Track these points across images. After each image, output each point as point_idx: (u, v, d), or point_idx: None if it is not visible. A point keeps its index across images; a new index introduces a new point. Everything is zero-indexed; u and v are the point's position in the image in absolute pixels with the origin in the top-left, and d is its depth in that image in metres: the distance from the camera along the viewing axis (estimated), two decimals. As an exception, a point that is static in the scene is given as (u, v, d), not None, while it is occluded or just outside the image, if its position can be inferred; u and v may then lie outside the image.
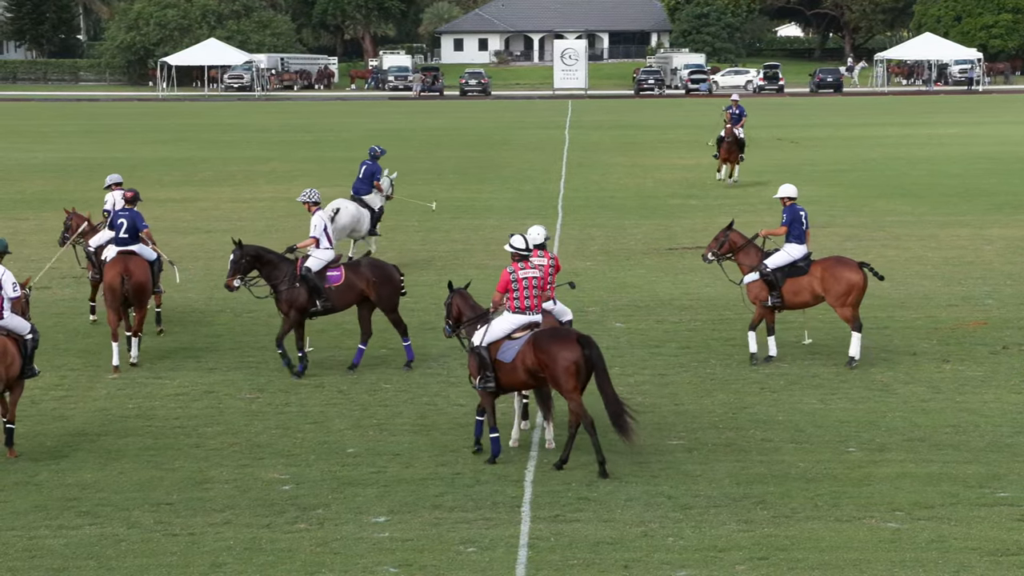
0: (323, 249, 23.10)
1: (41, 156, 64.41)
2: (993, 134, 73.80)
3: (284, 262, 22.94)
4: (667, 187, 50.16)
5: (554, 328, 18.01)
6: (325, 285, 22.83)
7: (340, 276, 22.96)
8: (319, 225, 23.15)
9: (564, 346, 17.25)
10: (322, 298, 22.73)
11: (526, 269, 18.04)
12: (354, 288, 22.96)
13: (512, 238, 18.34)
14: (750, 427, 19.48)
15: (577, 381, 17.24)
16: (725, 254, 23.69)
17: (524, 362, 17.55)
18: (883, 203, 44.54)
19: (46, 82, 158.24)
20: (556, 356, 17.22)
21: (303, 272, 22.72)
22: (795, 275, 23.14)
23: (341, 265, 23.19)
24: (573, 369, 17.20)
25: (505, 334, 17.91)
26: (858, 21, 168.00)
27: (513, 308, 17.98)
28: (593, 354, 17.24)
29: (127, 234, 24.12)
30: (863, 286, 22.90)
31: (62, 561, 14.74)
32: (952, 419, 19.81)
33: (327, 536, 15.41)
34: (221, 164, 60.08)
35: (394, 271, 23.29)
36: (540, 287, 18.07)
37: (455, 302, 18.90)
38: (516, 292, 17.93)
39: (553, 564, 14.56)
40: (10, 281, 18.38)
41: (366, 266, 23.29)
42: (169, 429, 19.70)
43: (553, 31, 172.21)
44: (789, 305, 23.33)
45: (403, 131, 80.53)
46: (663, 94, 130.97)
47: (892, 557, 14.64)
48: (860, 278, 22.84)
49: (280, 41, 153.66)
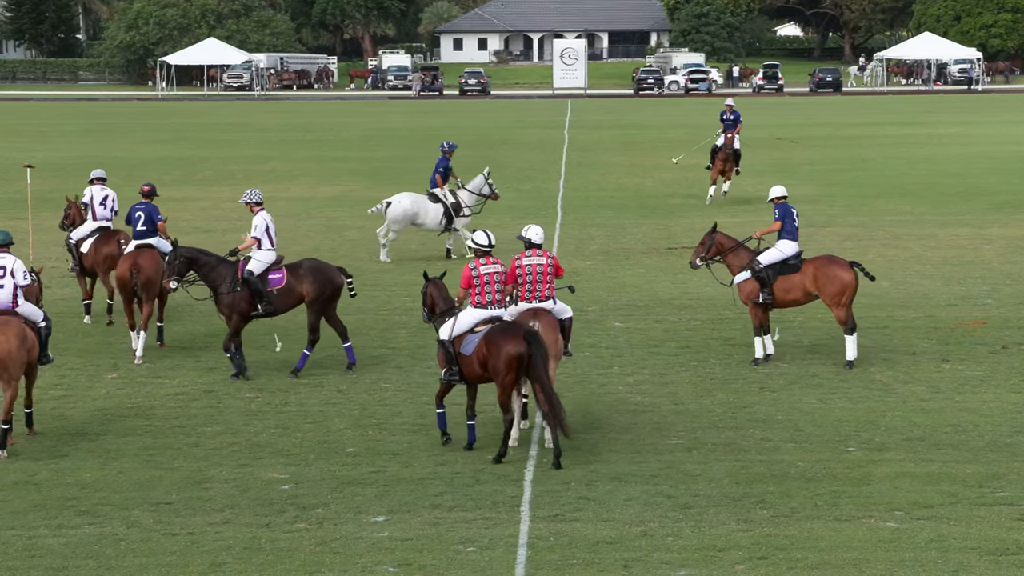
0: (265, 251, 22.87)
1: (40, 155, 64.32)
2: (992, 134, 73.83)
3: (223, 264, 22.70)
4: (667, 187, 50.18)
5: (507, 323, 18.35)
6: (267, 288, 22.60)
7: (282, 279, 22.72)
8: (260, 225, 22.96)
9: (509, 340, 17.71)
10: (264, 301, 22.49)
11: (487, 265, 18.61)
12: (295, 291, 22.72)
13: (475, 234, 18.99)
14: (749, 426, 19.48)
15: (516, 375, 17.73)
16: (713, 257, 23.69)
17: (479, 354, 18.03)
18: (882, 203, 44.55)
19: (45, 81, 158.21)
20: (500, 349, 17.69)
21: (245, 275, 22.47)
22: (787, 273, 23.16)
23: (283, 267, 22.92)
24: (514, 364, 17.65)
25: (468, 328, 18.40)
26: (857, 21, 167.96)
27: (475, 303, 18.54)
28: (536, 351, 17.59)
29: (144, 227, 24.78)
30: (855, 286, 22.93)
31: (62, 560, 14.74)
32: (951, 419, 19.81)
33: (326, 535, 15.41)
34: (221, 163, 60.09)
35: (336, 273, 22.94)
36: (502, 283, 18.56)
37: (430, 291, 19.32)
38: (478, 287, 18.47)
39: (552, 564, 14.56)
40: (21, 270, 18.82)
41: (307, 268, 22.94)
42: (168, 428, 19.70)
43: (552, 31, 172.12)
44: (780, 303, 23.33)
45: (402, 131, 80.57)
46: (662, 93, 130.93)
47: (891, 556, 14.63)
48: (852, 277, 22.88)
49: (279, 41, 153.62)
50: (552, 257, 19.14)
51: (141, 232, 24.77)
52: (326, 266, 23.20)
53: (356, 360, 23.08)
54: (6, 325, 18.29)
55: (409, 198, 34.20)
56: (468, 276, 18.55)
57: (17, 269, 18.77)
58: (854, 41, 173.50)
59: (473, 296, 18.54)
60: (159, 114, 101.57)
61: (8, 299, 18.68)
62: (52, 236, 34.39)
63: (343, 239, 37.64)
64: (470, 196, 33.87)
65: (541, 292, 18.88)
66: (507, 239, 34.51)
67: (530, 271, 18.83)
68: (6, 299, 18.67)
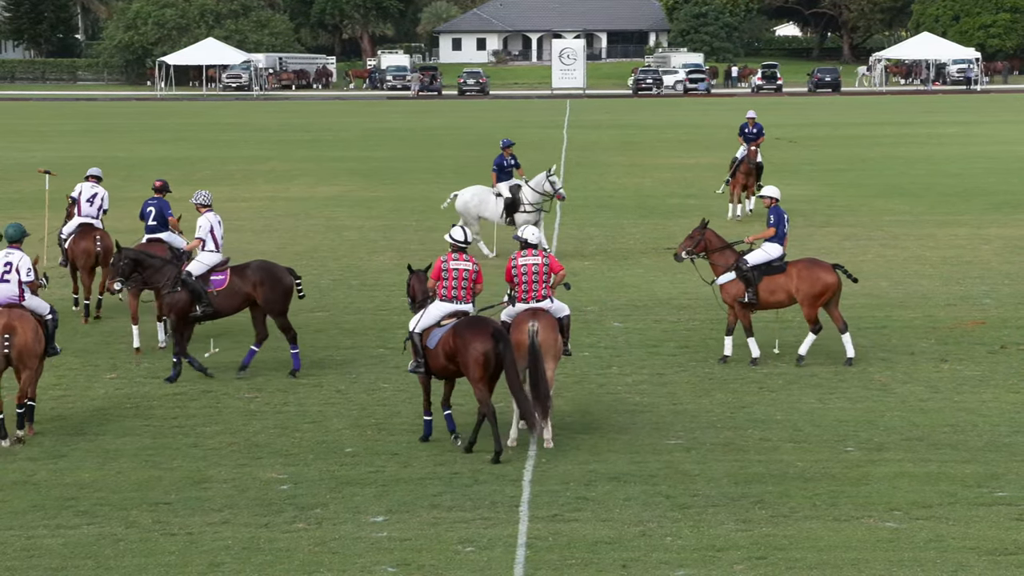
0: (208, 252, 22.81)
1: (39, 155, 64.31)
2: (991, 134, 73.83)
3: (167, 265, 22.63)
4: (665, 186, 50.17)
5: (474, 318, 18.55)
6: (208, 289, 22.43)
7: (224, 280, 22.58)
8: (204, 227, 22.93)
9: (477, 337, 17.94)
10: (203, 303, 22.32)
11: (459, 260, 18.79)
12: (239, 292, 22.55)
13: (452, 229, 19.19)
14: (748, 426, 19.48)
15: (484, 371, 17.91)
16: (699, 252, 23.72)
17: (444, 348, 18.25)
18: (881, 202, 44.55)
19: (44, 81, 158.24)
20: (468, 345, 17.90)
21: (183, 276, 22.40)
22: (771, 274, 23.20)
23: (228, 268, 22.78)
24: (482, 360, 17.85)
25: (435, 321, 18.64)
26: (856, 21, 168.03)
27: (442, 296, 18.75)
28: (504, 349, 17.81)
29: (155, 221, 25.41)
30: (837, 287, 23.00)
31: (60, 561, 14.73)
32: (950, 418, 19.81)
33: (325, 535, 15.41)
34: (219, 163, 60.08)
35: (285, 274, 22.78)
36: (471, 279, 18.77)
37: (412, 283, 19.68)
38: (446, 282, 18.69)
39: (551, 564, 14.56)
40: (26, 266, 19.27)
41: (254, 269, 22.76)
42: (167, 429, 19.70)
43: (551, 31, 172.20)
44: (764, 304, 23.35)
45: (401, 131, 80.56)
46: (661, 94, 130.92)
47: (890, 556, 14.63)
48: (835, 280, 22.96)
49: (278, 41, 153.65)
50: (548, 256, 19.15)
51: (152, 227, 25.32)
52: (274, 267, 23.04)
53: (300, 367, 22.86)
54: (21, 317, 18.93)
55: (471, 191, 34.66)
56: (438, 269, 18.80)
57: (23, 265, 19.21)
58: (853, 41, 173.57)
59: (440, 289, 18.75)
60: (158, 114, 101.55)
61: (14, 293, 19.12)
62: (50, 236, 34.32)
63: (342, 239, 37.62)
64: (532, 194, 33.86)
65: (538, 292, 18.91)
66: (503, 239, 34.58)
67: (525, 271, 18.88)
68: (12, 293, 19.11)
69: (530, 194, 33.78)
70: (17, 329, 18.82)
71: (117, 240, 23.78)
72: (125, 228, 34.42)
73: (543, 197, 33.83)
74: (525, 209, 33.72)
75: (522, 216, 33.62)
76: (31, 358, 18.91)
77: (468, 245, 19.09)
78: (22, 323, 18.87)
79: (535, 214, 33.76)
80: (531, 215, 33.65)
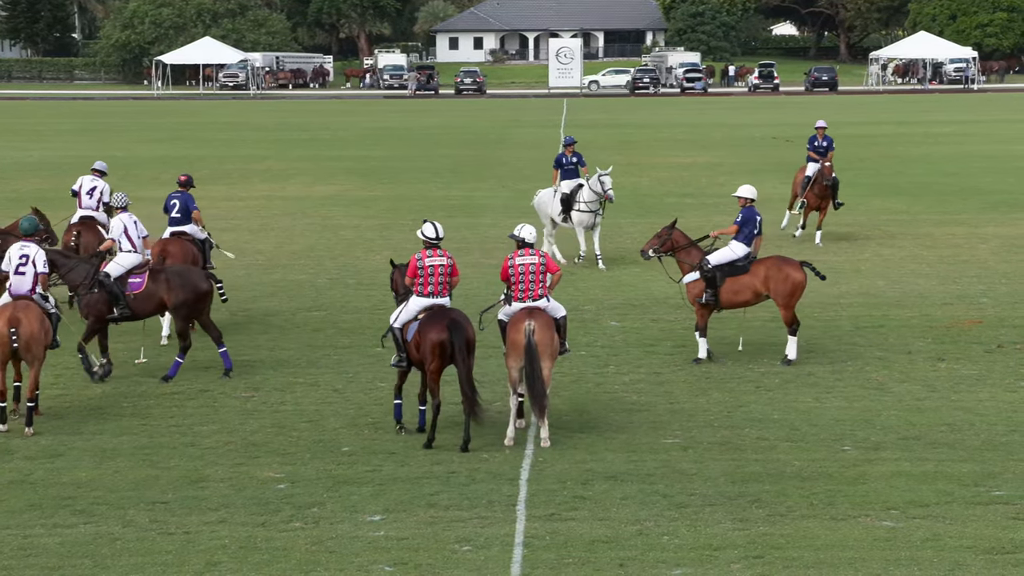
0: (125, 253, 22.74)
1: (37, 155, 64.36)
2: (988, 133, 73.85)
3: (81, 264, 22.52)
4: (663, 186, 50.17)
5: (436, 311, 18.80)
6: (126, 291, 22.32)
7: (142, 283, 22.45)
8: (117, 227, 22.90)
9: (433, 328, 18.40)
10: (120, 305, 22.23)
11: (433, 257, 18.94)
12: (154, 296, 22.39)
13: (424, 225, 19.30)
14: (745, 425, 19.48)
15: (440, 362, 18.37)
16: (666, 251, 23.74)
17: (415, 342, 18.66)
18: (878, 202, 44.57)
19: (41, 81, 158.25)
20: (426, 336, 18.38)
21: (100, 277, 22.31)
22: (735, 274, 23.19)
23: (146, 272, 22.61)
24: (438, 351, 18.33)
25: (413, 316, 18.91)
26: (853, 20, 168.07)
27: (418, 292, 18.97)
28: (456, 339, 18.22)
29: (179, 215, 25.82)
30: (804, 285, 23.04)
31: (57, 560, 14.72)
32: (947, 417, 19.82)
33: (322, 535, 15.41)
34: (216, 162, 60.07)
35: (202, 279, 22.60)
36: (446, 274, 18.96)
37: (395, 277, 20.13)
38: (421, 278, 18.88)
39: (548, 563, 14.55)
40: (42, 259, 19.90)
41: (170, 274, 22.62)
42: (164, 428, 19.69)
43: (548, 30, 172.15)
44: (727, 304, 23.35)
45: (398, 130, 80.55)
46: (658, 93, 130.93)
47: (887, 555, 14.64)
48: (803, 278, 23.01)
49: (275, 40, 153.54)
50: (545, 255, 19.15)
51: (176, 219, 25.71)
52: (190, 271, 22.96)
53: (232, 366, 22.76)
54: (28, 309, 19.43)
55: (541, 192, 34.38)
56: (413, 266, 18.95)
57: (39, 259, 19.84)
58: (850, 40, 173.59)
59: (417, 286, 18.93)
60: (155, 113, 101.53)
61: (28, 286, 19.72)
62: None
63: (338, 238, 37.62)
64: (589, 192, 33.25)
65: (534, 291, 18.93)
66: (499, 238, 34.57)
67: (523, 270, 18.91)
68: (26, 286, 19.70)
69: (587, 193, 33.20)
70: (23, 321, 19.25)
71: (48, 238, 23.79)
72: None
73: (597, 197, 33.10)
74: (580, 208, 33.08)
75: (577, 215, 33.10)
76: (38, 347, 19.37)
77: (440, 240, 19.19)
78: (27, 314, 19.32)
79: (590, 215, 33.01)
80: (586, 215, 32.99)
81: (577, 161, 34.14)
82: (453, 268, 19.05)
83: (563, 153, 34.29)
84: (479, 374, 19.83)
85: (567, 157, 34.06)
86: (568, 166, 34.00)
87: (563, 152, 34.32)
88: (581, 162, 34.21)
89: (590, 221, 33.01)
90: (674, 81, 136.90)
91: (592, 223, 32.91)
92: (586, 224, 32.94)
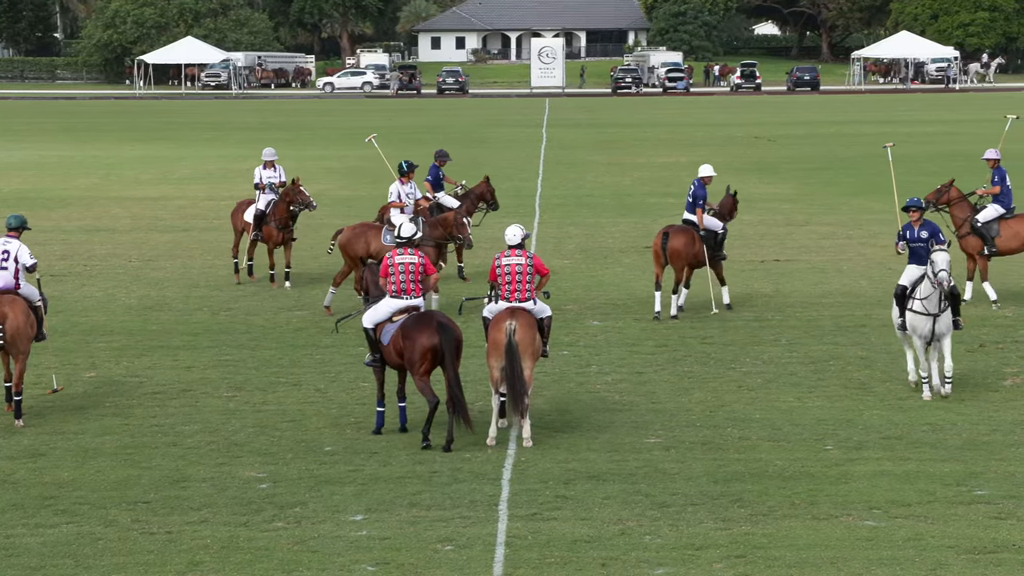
0: None
1: (18, 155, 64.23)
2: (970, 132, 73.95)
3: None
4: (645, 185, 50.22)
5: (421, 314, 18.86)
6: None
7: None
8: None
9: (423, 332, 18.40)
10: None
11: (403, 255, 19.08)
12: None
13: (400, 226, 19.49)
14: (727, 425, 19.50)
15: (430, 365, 18.46)
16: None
17: (395, 344, 18.68)
18: (860, 201, 44.63)
19: (23, 80, 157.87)
20: (415, 341, 18.38)
21: None
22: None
23: None
24: (429, 356, 18.40)
25: (386, 317, 18.99)
26: (835, 19, 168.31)
27: (391, 292, 19.06)
28: (445, 342, 18.26)
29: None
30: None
31: (39, 560, 14.70)
32: (929, 417, 19.85)
33: (304, 534, 15.40)
34: (198, 162, 59.97)
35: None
36: (418, 272, 19.05)
37: (366, 277, 20.19)
38: (393, 276, 19.01)
39: (530, 562, 14.56)
40: (26, 252, 20.11)
41: None
42: (146, 428, 19.66)
43: (530, 29, 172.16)
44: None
45: (380, 129, 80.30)
46: (640, 92, 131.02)
47: (869, 555, 14.66)
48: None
49: (257, 39, 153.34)
50: (532, 257, 19.13)
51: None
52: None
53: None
54: (13, 303, 19.70)
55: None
56: (385, 265, 19.08)
57: (22, 253, 20.02)
58: (832, 40, 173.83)
59: (389, 285, 19.02)
60: (137, 113, 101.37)
61: (11, 280, 19.89)
62: (34, 235, 34.16)
63: (320, 237, 37.55)
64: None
65: (521, 293, 18.93)
66: (484, 236, 34.56)
67: (508, 271, 18.90)
68: (8, 280, 19.86)
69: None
70: (8, 315, 19.51)
71: None
72: (103, 227, 34.19)
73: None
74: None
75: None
76: (24, 341, 19.61)
77: (411, 238, 19.31)
78: (12, 308, 19.59)
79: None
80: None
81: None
82: (426, 267, 19.20)
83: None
84: (461, 373, 19.80)
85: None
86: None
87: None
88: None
89: None
90: (656, 81, 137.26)
91: None
92: None
